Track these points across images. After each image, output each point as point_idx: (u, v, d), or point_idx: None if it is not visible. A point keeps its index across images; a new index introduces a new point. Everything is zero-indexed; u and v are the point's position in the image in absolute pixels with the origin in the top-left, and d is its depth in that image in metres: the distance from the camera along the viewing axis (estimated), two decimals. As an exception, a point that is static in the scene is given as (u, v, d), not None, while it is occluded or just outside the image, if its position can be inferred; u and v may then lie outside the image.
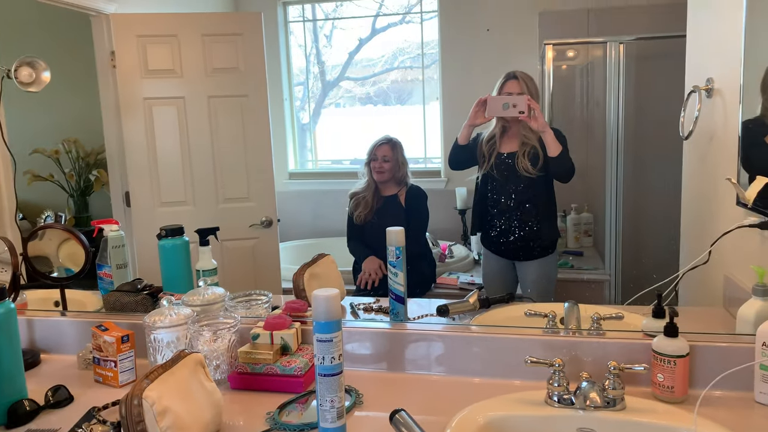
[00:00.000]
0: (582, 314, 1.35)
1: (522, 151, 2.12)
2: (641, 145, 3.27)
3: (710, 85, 1.62)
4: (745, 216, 1.38)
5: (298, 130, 4.10)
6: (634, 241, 3.32)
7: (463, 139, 2.16)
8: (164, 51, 2.61)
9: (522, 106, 1.94)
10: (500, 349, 1.25)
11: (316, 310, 0.97)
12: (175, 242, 1.65)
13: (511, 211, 2.19)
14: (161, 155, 2.66)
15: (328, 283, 1.61)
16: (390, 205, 2.78)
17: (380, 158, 2.73)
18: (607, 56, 3.02)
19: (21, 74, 1.93)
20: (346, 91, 4.11)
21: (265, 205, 2.82)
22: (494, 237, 2.26)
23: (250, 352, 1.21)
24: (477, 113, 2.06)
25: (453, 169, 2.32)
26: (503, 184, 2.19)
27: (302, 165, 4.13)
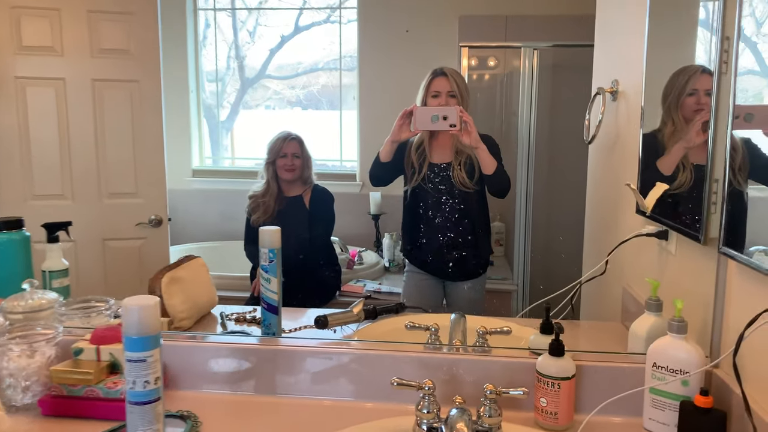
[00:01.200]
0: (469, 326, 1.21)
1: (457, 162, 1.90)
2: (553, 153, 3.25)
3: (615, 87, 1.55)
4: (644, 225, 1.30)
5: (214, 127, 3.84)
6: (544, 251, 3.28)
7: (385, 155, 1.91)
8: (42, 25, 2.31)
9: (453, 118, 1.71)
10: (376, 368, 1.09)
11: (127, 322, 0.78)
12: (11, 237, 1.39)
13: (445, 228, 1.97)
14: (35, 141, 2.35)
15: (193, 289, 1.41)
16: (293, 207, 2.59)
17: (290, 155, 2.54)
18: (522, 63, 2.98)
19: None
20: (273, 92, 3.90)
21: (155, 203, 2.56)
22: (425, 255, 2.03)
23: (66, 371, 1.00)
24: (402, 127, 1.81)
25: (375, 185, 2.09)
26: (437, 198, 1.96)
27: (217, 162, 3.88)
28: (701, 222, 0.99)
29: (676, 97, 1.08)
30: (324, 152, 3.75)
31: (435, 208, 1.96)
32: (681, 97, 1.07)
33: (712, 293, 0.99)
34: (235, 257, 2.63)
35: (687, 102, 1.05)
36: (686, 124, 1.06)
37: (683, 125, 1.06)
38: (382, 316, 1.46)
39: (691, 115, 1.04)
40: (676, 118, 1.08)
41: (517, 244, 3.01)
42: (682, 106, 1.06)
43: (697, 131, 1.01)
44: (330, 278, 2.66)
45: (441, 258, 1.98)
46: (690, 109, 1.05)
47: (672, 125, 1.09)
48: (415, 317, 1.40)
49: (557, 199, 3.26)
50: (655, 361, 0.93)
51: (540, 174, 3.08)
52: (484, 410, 0.91)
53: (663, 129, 1.14)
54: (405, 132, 1.81)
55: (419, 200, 1.99)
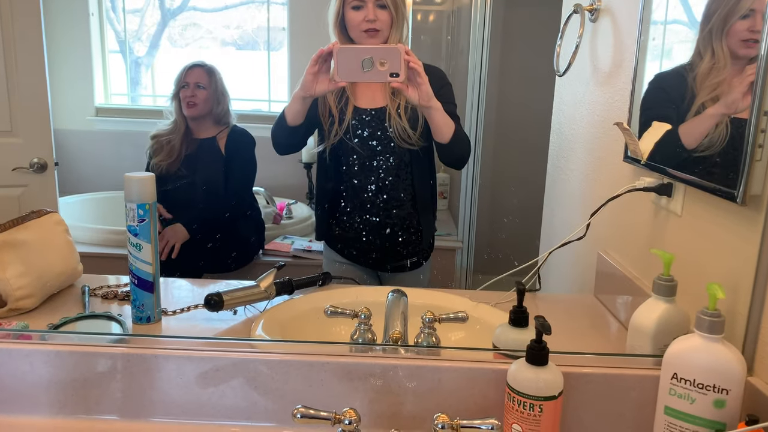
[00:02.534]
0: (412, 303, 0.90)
1: (395, 106, 1.34)
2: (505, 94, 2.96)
3: (596, 5, 1.23)
4: (634, 175, 1.01)
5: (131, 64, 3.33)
6: (494, 204, 3.03)
7: (293, 116, 1.31)
8: None
9: (395, 64, 1.09)
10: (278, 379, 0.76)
11: None
12: None
13: (378, 201, 1.40)
14: None
15: (40, 255, 1.03)
16: (205, 151, 2.19)
17: (192, 85, 2.11)
18: None
19: None
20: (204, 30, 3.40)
21: (38, 144, 2.10)
22: (349, 239, 1.46)
23: None
24: (317, 76, 1.20)
25: (282, 153, 1.44)
26: (366, 159, 1.39)
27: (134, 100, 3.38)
28: (739, 173, 0.70)
29: (722, 21, 0.75)
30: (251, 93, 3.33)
31: (363, 173, 1.40)
32: (729, 21, 0.74)
33: (748, 273, 0.71)
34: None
35: (737, 28, 0.73)
36: (731, 60, 0.74)
37: (725, 62, 0.75)
38: (301, 290, 1.13)
39: (740, 48, 0.73)
40: (718, 49, 0.76)
41: (463, 197, 2.74)
42: (729, 32, 0.74)
43: (744, 92, 0.69)
44: (251, 234, 2.31)
45: (371, 243, 1.44)
46: (740, 38, 0.73)
47: (711, 59, 0.77)
48: (343, 293, 1.08)
49: (509, 145, 2.99)
50: (677, 372, 0.65)
51: (489, 117, 2.80)
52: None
53: (696, 64, 0.82)
54: (322, 83, 1.20)
55: (341, 163, 1.41)
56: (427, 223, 1.46)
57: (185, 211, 2.13)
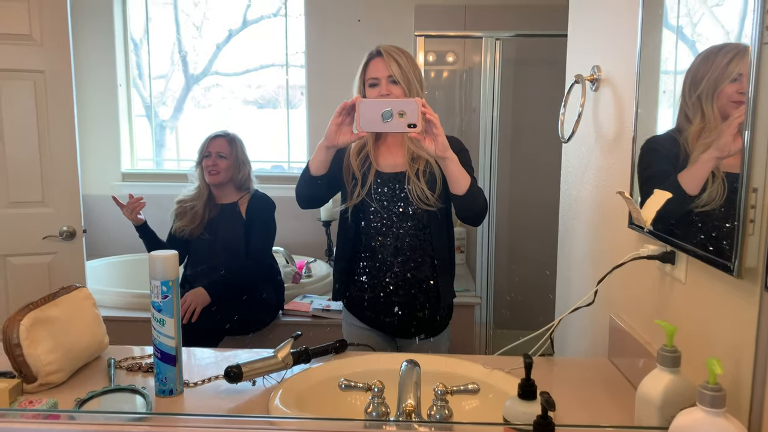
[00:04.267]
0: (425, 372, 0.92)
1: (414, 170, 1.40)
2: (518, 152, 3.02)
3: (596, 75, 1.29)
4: (639, 242, 1.04)
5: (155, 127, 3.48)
6: (511, 260, 3.05)
7: (317, 166, 1.36)
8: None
9: (412, 116, 1.18)
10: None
11: None
12: None
13: (397, 263, 1.45)
14: None
15: (68, 331, 1.08)
16: (226, 216, 2.27)
17: (214, 155, 2.21)
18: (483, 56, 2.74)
19: None
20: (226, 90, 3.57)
21: (68, 212, 2.20)
22: (367, 302, 1.49)
23: None
24: (340, 127, 1.28)
25: (305, 207, 1.51)
26: (386, 222, 1.45)
27: (159, 165, 3.52)
28: (733, 246, 0.73)
29: (712, 86, 0.81)
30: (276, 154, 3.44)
31: (382, 234, 1.45)
32: (719, 85, 0.79)
33: (749, 344, 0.72)
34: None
35: (727, 91, 0.78)
36: (721, 120, 0.79)
37: (717, 122, 0.80)
38: (317, 357, 1.16)
39: (730, 108, 0.78)
40: (708, 111, 0.81)
41: (480, 252, 2.76)
42: (719, 96, 0.79)
43: (734, 134, 0.74)
44: (271, 296, 2.35)
45: (388, 308, 1.46)
46: (729, 99, 0.78)
47: (701, 121, 0.82)
48: (358, 362, 1.11)
49: (523, 199, 3.03)
50: (683, 446, 0.67)
51: (503, 175, 2.85)
52: None
53: (685, 127, 0.87)
54: (345, 134, 1.28)
55: (361, 224, 1.47)
56: (446, 286, 1.48)
57: (207, 274, 2.19)
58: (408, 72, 1.41)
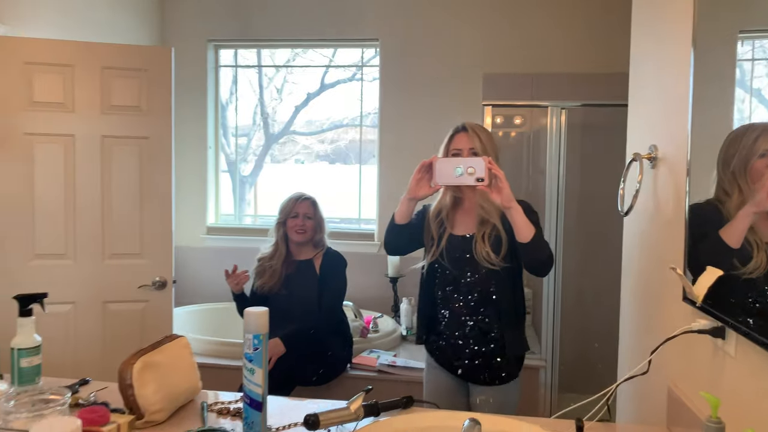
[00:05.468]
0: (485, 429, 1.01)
1: (481, 234, 1.57)
2: (584, 215, 3.06)
3: (653, 153, 1.37)
4: (693, 315, 1.10)
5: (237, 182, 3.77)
6: (576, 324, 3.05)
7: (402, 216, 1.58)
8: (55, 81, 2.26)
9: (480, 171, 1.41)
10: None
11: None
12: (-27, 312, 1.26)
13: (466, 315, 1.62)
14: (40, 199, 2.27)
15: (170, 375, 1.24)
16: (302, 272, 2.43)
17: (302, 216, 2.40)
18: (549, 122, 2.84)
19: None
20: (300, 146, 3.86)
21: (161, 264, 2.43)
22: (443, 348, 1.67)
23: (-11, 494, 0.83)
24: (420, 182, 1.50)
25: (391, 254, 1.75)
26: (456, 278, 1.62)
27: (239, 218, 3.78)
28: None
29: (743, 162, 0.90)
30: (346, 211, 3.64)
31: (454, 290, 1.64)
32: (749, 161, 0.89)
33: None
34: (246, 320, 2.47)
35: (757, 166, 0.87)
36: (757, 192, 0.87)
37: (753, 194, 0.88)
38: (386, 412, 1.26)
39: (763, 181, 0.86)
40: (744, 186, 0.89)
41: (546, 315, 2.79)
42: (750, 171, 0.88)
43: None
44: (340, 350, 2.47)
45: (461, 355, 1.63)
46: (760, 174, 0.87)
47: (739, 195, 0.90)
48: (423, 418, 1.20)
49: (590, 265, 3.05)
50: None
51: (569, 237, 2.89)
52: None
53: (726, 200, 0.95)
54: (424, 188, 1.51)
55: (435, 279, 1.67)
56: (512, 339, 1.60)
57: (282, 326, 2.33)
58: (487, 146, 1.61)
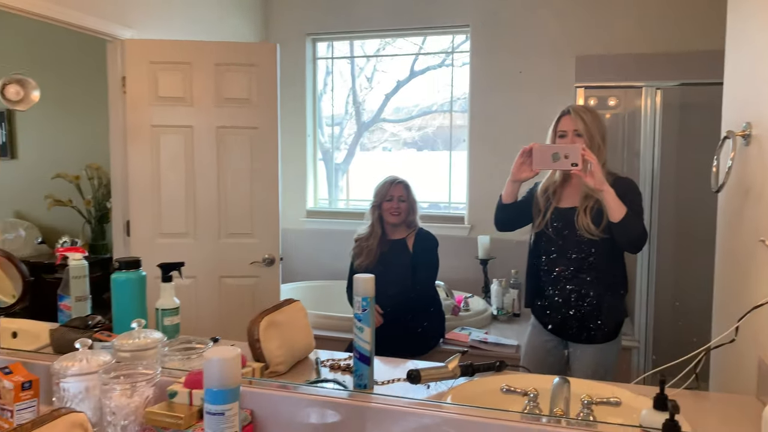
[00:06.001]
0: (574, 391, 1.10)
1: (584, 207, 1.73)
2: (680, 196, 3.00)
3: (747, 131, 1.39)
4: (784, 287, 1.13)
5: (331, 169, 3.99)
6: (669, 304, 3.00)
7: (507, 196, 1.80)
8: (176, 78, 2.54)
9: (575, 157, 1.57)
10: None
11: (207, 374, 0.78)
12: (129, 276, 1.49)
13: (567, 281, 1.79)
14: (165, 184, 2.56)
15: (290, 333, 1.42)
16: (396, 250, 2.58)
17: (396, 198, 2.55)
18: (644, 103, 2.81)
19: (8, 92, 1.85)
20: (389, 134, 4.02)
21: (269, 243, 2.67)
22: (545, 309, 1.86)
23: (160, 414, 1.03)
24: (522, 166, 1.69)
25: (500, 230, 1.94)
26: (560, 247, 1.81)
27: (333, 203, 4.01)
28: None
29: None
30: (435, 195, 3.75)
31: (557, 258, 1.81)
32: None
33: None
34: (344, 297, 2.67)
35: None
36: None
37: None
38: (480, 373, 1.38)
39: None
40: None
41: (639, 296, 2.78)
42: None
43: None
44: (433, 325, 2.60)
45: (561, 315, 1.81)
46: None
47: None
48: (515, 378, 1.31)
49: (685, 246, 2.99)
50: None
51: (665, 218, 2.85)
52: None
53: None
54: (525, 171, 1.70)
55: (541, 247, 1.85)
56: (609, 303, 1.75)
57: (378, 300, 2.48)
58: (591, 127, 1.73)
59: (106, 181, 2.77)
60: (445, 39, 3.75)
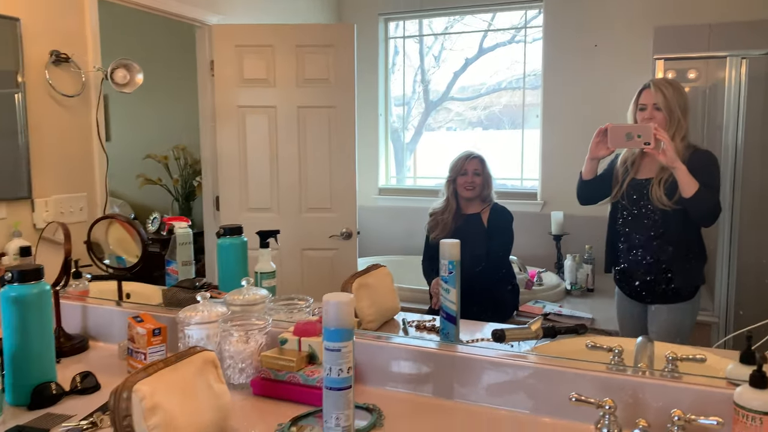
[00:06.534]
0: (657, 352, 1.15)
1: (658, 179, 1.81)
2: (763, 172, 2.90)
3: (842, 96, 1.36)
4: None
5: (399, 148, 4.08)
6: (750, 281, 2.92)
7: (587, 173, 1.90)
8: (260, 61, 2.68)
9: (647, 136, 1.65)
10: (553, 384, 1.08)
11: (326, 316, 0.88)
12: (233, 241, 1.64)
13: (641, 248, 1.89)
14: (251, 162, 2.72)
15: (378, 295, 1.52)
16: (471, 225, 2.64)
17: (471, 173, 2.59)
18: (728, 74, 2.72)
19: (116, 75, 2.04)
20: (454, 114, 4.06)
21: (347, 217, 2.79)
22: (623, 275, 1.97)
23: (274, 357, 1.15)
24: (598, 145, 1.80)
25: (583, 204, 2.04)
26: (635, 216, 1.90)
27: (400, 182, 4.10)
28: None
29: None
30: (504, 172, 3.76)
31: (632, 226, 1.90)
32: None
33: None
34: (415, 271, 2.76)
35: None
36: None
37: None
38: (562, 335, 1.43)
39: None
40: None
41: (720, 272, 2.72)
42: None
43: None
44: (507, 297, 2.65)
45: (637, 279, 1.90)
46: None
47: None
48: (599, 338, 1.35)
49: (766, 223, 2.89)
50: None
51: (749, 193, 2.77)
52: (671, 438, 0.86)
53: None
54: (602, 150, 1.79)
55: (618, 217, 1.94)
56: (684, 268, 1.83)
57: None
58: (671, 101, 1.77)
59: (191, 161, 2.96)
60: (516, 14, 3.73)
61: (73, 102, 1.98)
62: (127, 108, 2.79)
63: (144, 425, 0.82)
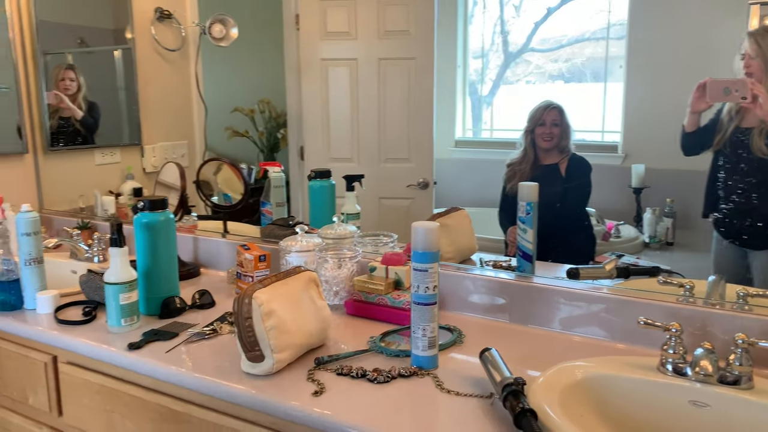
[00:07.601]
0: (729, 292, 1.19)
1: (759, 129, 1.85)
2: None
3: None
4: None
5: (476, 101, 4.08)
6: None
7: (689, 126, 1.96)
8: (342, 14, 2.76)
9: (744, 91, 1.72)
10: (625, 313, 1.17)
11: (415, 240, 0.99)
12: (322, 184, 1.78)
13: (740, 195, 1.94)
14: (333, 114, 2.84)
15: (457, 235, 1.62)
16: (548, 175, 2.66)
17: (549, 123, 2.61)
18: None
19: (213, 30, 2.19)
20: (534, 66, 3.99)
21: (423, 167, 2.88)
22: (723, 220, 2.01)
23: (365, 282, 1.28)
24: (698, 99, 1.87)
25: (686, 155, 2.07)
26: (735, 164, 1.94)
27: (476, 134, 4.11)
28: None
29: None
30: (585, 124, 3.70)
31: (732, 173, 1.93)
32: None
33: None
34: (490, 223, 2.82)
35: None
36: None
37: None
38: (635, 276, 1.49)
39: None
40: None
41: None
42: None
43: None
44: (583, 246, 2.68)
45: (735, 227, 1.93)
46: None
47: None
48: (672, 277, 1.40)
49: None
50: None
51: None
52: (734, 358, 0.92)
53: None
54: (701, 104, 1.84)
55: (718, 163, 1.96)
56: None
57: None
58: (767, 50, 1.77)
59: (275, 114, 3.11)
60: (604, -40, 3.59)
61: (174, 56, 2.15)
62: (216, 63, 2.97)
63: (262, 326, 0.97)
